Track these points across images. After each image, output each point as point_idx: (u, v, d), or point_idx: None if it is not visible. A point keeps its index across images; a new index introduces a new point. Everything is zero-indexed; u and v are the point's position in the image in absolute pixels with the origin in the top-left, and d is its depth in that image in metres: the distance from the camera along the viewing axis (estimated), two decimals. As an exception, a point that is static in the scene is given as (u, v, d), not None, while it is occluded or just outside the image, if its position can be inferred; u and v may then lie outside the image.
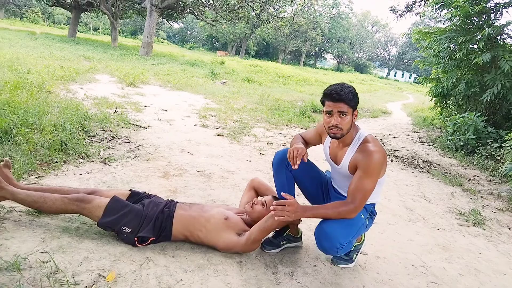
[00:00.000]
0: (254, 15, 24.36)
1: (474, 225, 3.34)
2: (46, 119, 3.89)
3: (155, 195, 2.40)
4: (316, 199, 2.36)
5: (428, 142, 7.34)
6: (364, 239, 2.37)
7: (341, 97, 1.92)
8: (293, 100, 10.67)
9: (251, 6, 21.36)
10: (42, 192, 2.13)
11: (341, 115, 1.95)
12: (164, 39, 65.86)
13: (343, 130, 1.98)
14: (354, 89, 1.99)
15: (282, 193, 2.11)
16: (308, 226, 2.71)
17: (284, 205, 1.97)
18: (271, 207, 1.99)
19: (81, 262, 1.85)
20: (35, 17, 50.38)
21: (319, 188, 2.38)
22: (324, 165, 2.58)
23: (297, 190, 2.38)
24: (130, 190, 2.36)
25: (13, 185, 2.17)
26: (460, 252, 2.77)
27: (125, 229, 2.03)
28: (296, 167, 2.06)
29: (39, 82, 5.97)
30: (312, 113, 8.67)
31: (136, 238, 2.04)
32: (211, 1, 20.86)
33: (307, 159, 2.34)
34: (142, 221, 2.08)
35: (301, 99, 11.29)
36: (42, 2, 26.28)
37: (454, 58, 7.15)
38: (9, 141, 3.24)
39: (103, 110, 5.21)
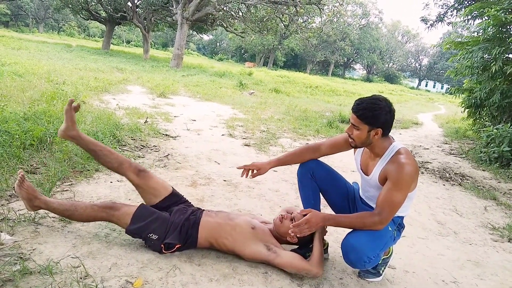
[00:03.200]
0: (283, 27, 24.47)
1: (509, 241, 3.20)
2: (80, 128, 4.02)
3: (189, 202, 2.45)
4: (342, 211, 2.34)
5: (461, 154, 7.12)
6: (392, 252, 2.31)
7: (356, 111, 1.93)
8: (321, 111, 10.62)
9: (279, 18, 21.50)
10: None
11: (354, 127, 1.97)
12: (194, 51, 67.23)
13: (355, 142, 2.01)
14: (380, 108, 1.91)
15: (300, 211, 2.12)
16: (335, 239, 2.68)
17: (301, 224, 2.00)
18: (289, 231, 2.04)
19: (109, 268, 1.90)
20: (71, 30, 52.66)
21: (345, 199, 2.35)
22: (351, 177, 2.56)
23: (323, 201, 2.37)
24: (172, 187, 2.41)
25: None
26: (494, 268, 2.66)
27: (151, 235, 2.07)
28: (244, 176, 2.36)
29: (74, 92, 6.21)
30: (340, 123, 8.60)
31: (162, 245, 2.07)
32: (241, 14, 21.15)
33: (333, 170, 2.34)
34: (168, 228, 2.11)
35: (329, 109, 11.22)
36: (79, 16, 27.41)
37: (487, 68, 6.95)
38: (44, 149, 3.39)
39: (134, 120, 5.35)
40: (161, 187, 2.31)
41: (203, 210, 2.28)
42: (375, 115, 1.91)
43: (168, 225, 2.12)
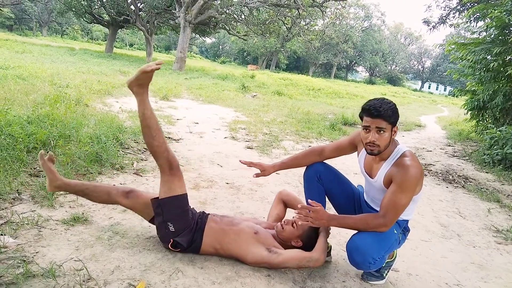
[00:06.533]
0: (285, 29, 24.55)
1: (513, 244, 3.19)
2: (83, 132, 4.05)
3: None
4: (347, 214, 2.33)
5: (464, 156, 7.10)
6: (395, 256, 2.31)
7: (380, 113, 1.88)
8: (323, 113, 10.62)
9: (282, 21, 21.58)
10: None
11: (378, 131, 1.91)
12: (196, 54, 67.40)
13: (380, 147, 1.95)
14: (394, 104, 1.95)
15: (309, 200, 2.10)
16: (337, 241, 2.68)
17: (308, 209, 1.99)
18: (294, 214, 2.03)
19: (112, 271, 1.91)
20: (75, 34, 52.92)
21: (350, 202, 2.35)
22: (354, 180, 2.55)
23: (329, 204, 2.37)
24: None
25: None
26: (498, 271, 2.65)
27: (171, 226, 2.07)
28: (254, 176, 2.36)
29: (77, 96, 6.23)
30: (343, 126, 8.59)
31: (171, 240, 2.08)
32: (243, 16, 21.21)
33: (340, 173, 2.35)
34: (186, 228, 2.11)
35: (331, 112, 11.22)
36: (82, 19, 27.56)
37: (490, 69, 6.94)
38: (47, 152, 3.39)
39: (137, 123, 5.35)
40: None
41: (208, 214, 2.28)
42: (395, 112, 1.93)
43: (188, 225, 2.12)
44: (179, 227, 2.09)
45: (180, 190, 2.13)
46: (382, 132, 1.91)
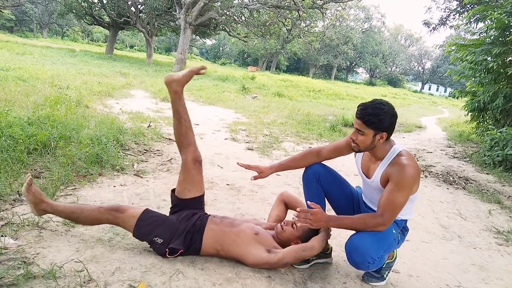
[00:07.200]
0: (285, 31, 24.57)
1: (514, 245, 3.19)
2: (83, 133, 4.05)
3: None
4: (346, 215, 2.33)
5: (464, 158, 7.09)
6: (396, 257, 2.31)
7: (361, 116, 1.94)
8: (324, 115, 10.62)
9: (282, 22, 21.60)
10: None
11: (359, 132, 1.98)
12: (197, 55, 67.39)
13: (359, 146, 2.03)
14: (384, 112, 1.92)
15: (308, 202, 2.10)
16: (338, 242, 2.68)
17: (307, 212, 2.00)
18: (293, 215, 2.05)
19: (113, 272, 1.90)
20: (75, 35, 52.98)
21: (349, 203, 2.35)
22: (354, 181, 2.55)
23: (328, 205, 2.36)
24: None
25: None
26: (499, 273, 2.64)
27: (157, 239, 2.07)
28: (252, 179, 2.36)
29: (77, 97, 6.24)
30: (343, 127, 8.59)
31: (167, 249, 2.07)
32: (243, 18, 21.23)
33: (338, 174, 2.35)
34: (174, 233, 2.11)
35: (331, 113, 11.22)
36: (82, 21, 27.59)
37: (490, 71, 6.95)
38: (48, 153, 3.40)
39: (137, 124, 5.37)
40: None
41: (209, 215, 2.28)
42: (380, 120, 1.92)
43: (174, 230, 2.12)
44: (165, 235, 2.08)
45: (136, 214, 2.09)
46: (360, 134, 1.98)
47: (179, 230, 2.12)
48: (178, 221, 2.17)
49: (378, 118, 1.91)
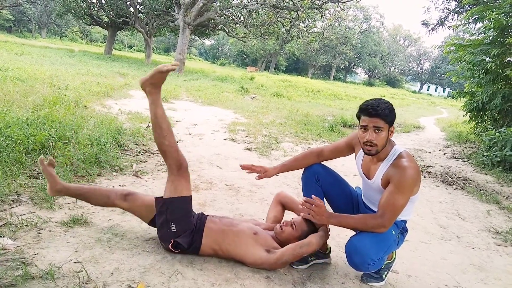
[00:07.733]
0: (284, 31, 24.55)
1: (512, 245, 3.19)
2: (82, 133, 4.05)
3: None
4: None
5: (463, 158, 7.11)
6: (395, 257, 2.31)
7: (377, 112, 1.90)
8: (323, 115, 10.62)
9: (281, 22, 21.58)
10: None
11: (376, 131, 1.93)
12: (196, 55, 67.45)
13: (377, 146, 1.96)
14: (391, 104, 1.97)
15: (313, 196, 2.09)
16: (336, 243, 2.68)
17: (312, 203, 2.00)
18: (299, 205, 2.07)
19: (111, 272, 1.90)
20: (74, 35, 52.94)
21: (349, 204, 2.36)
22: (354, 181, 2.55)
23: (328, 206, 2.36)
24: None
25: None
26: (497, 273, 2.65)
27: (172, 226, 2.07)
28: (256, 178, 2.38)
29: (76, 97, 6.23)
30: (342, 127, 8.60)
31: (172, 240, 2.07)
32: (242, 18, 21.22)
33: (338, 174, 2.35)
34: (186, 230, 2.11)
35: (330, 113, 11.23)
36: (81, 21, 27.55)
37: (488, 71, 6.96)
38: (47, 153, 3.39)
39: (136, 125, 5.36)
40: (151, 202, 2.20)
41: (207, 215, 2.28)
42: (391, 111, 1.94)
43: (189, 227, 2.13)
44: (180, 228, 2.09)
45: (186, 192, 2.13)
46: (379, 131, 1.93)
47: (191, 229, 2.14)
48: (194, 220, 2.19)
49: (390, 111, 1.93)
